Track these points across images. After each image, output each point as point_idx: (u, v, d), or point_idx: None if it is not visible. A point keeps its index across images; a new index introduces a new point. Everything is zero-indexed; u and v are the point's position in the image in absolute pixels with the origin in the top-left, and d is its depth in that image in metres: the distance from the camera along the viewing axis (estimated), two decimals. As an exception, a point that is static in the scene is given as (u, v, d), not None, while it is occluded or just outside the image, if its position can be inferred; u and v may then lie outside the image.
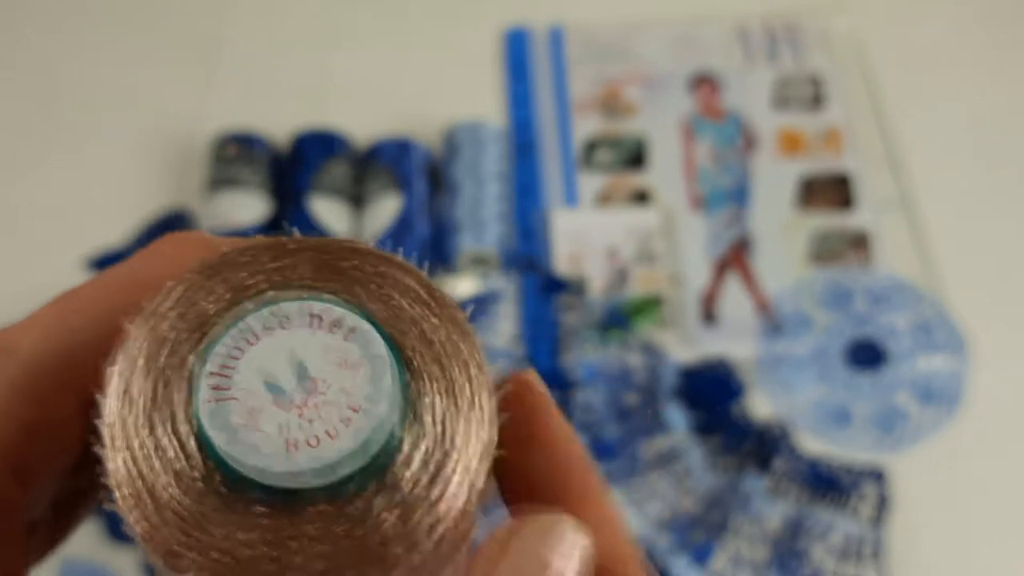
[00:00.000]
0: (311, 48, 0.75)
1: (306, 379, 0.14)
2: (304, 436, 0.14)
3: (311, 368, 0.14)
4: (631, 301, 0.63)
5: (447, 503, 0.14)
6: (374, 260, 0.16)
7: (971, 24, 0.77)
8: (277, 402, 0.14)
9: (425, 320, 0.15)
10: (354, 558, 0.14)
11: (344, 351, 0.14)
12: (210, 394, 0.14)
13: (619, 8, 0.77)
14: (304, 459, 0.14)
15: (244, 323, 0.14)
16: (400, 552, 0.14)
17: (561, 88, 0.72)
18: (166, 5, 0.78)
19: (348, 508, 0.14)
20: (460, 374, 0.15)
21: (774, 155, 0.69)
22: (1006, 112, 0.72)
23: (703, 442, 0.58)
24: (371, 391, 0.14)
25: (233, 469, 0.14)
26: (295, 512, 0.14)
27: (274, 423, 0.14)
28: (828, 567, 0.54)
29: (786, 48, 0.75)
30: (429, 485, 0.14)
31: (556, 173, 0.68)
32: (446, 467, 0.14)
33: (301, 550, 0.14)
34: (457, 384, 0.15)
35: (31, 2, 0.78)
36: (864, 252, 0.65)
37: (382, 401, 0.14)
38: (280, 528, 0.14)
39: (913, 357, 0.61)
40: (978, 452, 0.58)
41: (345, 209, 0.63)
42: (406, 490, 0.14)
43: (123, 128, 0.71)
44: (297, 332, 0.14)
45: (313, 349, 0.14)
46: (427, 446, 0.14)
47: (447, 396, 0.15)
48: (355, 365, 0.14)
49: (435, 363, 0.15)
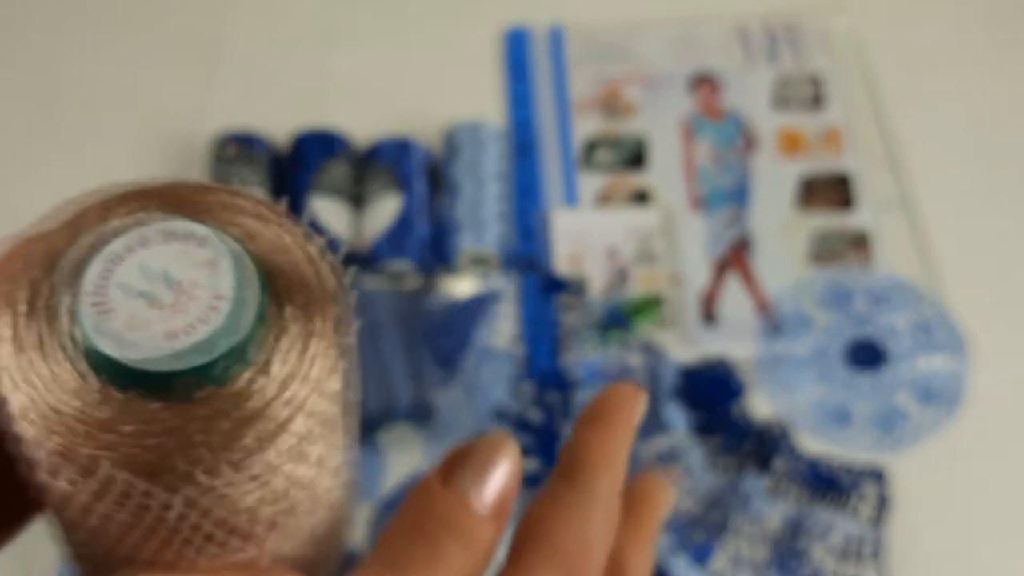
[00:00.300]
0: (311, 48, 0.75)
1: (172, 283, 0.16)
2: (180, 326, 0.16)
3: (175, 273, 0.16)
4: (631, 301, 0.63)
5: (316, 377, 0.17)
6: (217, 192, 0.18)
7: (971, 24, 0.77)
8: (151, 305, 0.16)
9: (274, 231, 0.18)
10: (246, 426, 0.16)
11: (200, 255, 0.16)
12: (91, 312, 0.16)
13: (619, 8, 0.77)
14: (183, 343, 0.16)
15: (108, 249, 0.16)
16: (286, 414, 0.16)
17: (561, 88, 0.72)
18: (166, 5, 0.78)
19: (232, 388, 0.16)
20: (314, 271, 0.17)
21: (774, 155, 0.70)
22: (1006, 112, 0.72)
23: (703, 442, 0.58)
24: (231, 281, 0.16)
25: (124, 372, 0.16)
26: (187, 401, 0.16)
27: (152, 322, 0.16)
28: (828, 567, 0.54)
29: (786, 48, 0.75)
30: (298, 362, 0.17)
31: (556, 173, 0.68)
32: (309, 349, 0.17)
33: (199, 429, 0.16)
34: (313, 281, 0.17)
35: (31, 2, 0.78)
36: (864, 252, 0.65)
37: (242, 287, 0.16)
38: (177, 416, 0.16)
39: (913, 357, 0.61)
40: (978, 452, 0.58)
41: (345, 209, 0.63)
42: (278, 370, 0.16)
43: (123, 128, 0.71)
44: (156, 248, 0.16)
45: (173, 258, 0.16)
46: (291, 331, 0.17)
47: (303, 289, 0.17)
48: (212, 264, 0.16)
49: (291, 266, 0.17)
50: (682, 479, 0.57)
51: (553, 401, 0.59)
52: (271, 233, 0.18)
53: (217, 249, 0.17)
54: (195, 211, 0.18)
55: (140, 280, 0.16)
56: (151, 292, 0.16)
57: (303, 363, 0.17)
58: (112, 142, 0.71)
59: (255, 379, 0.16)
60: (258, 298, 0.16)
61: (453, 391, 0.60)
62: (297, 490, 0.18)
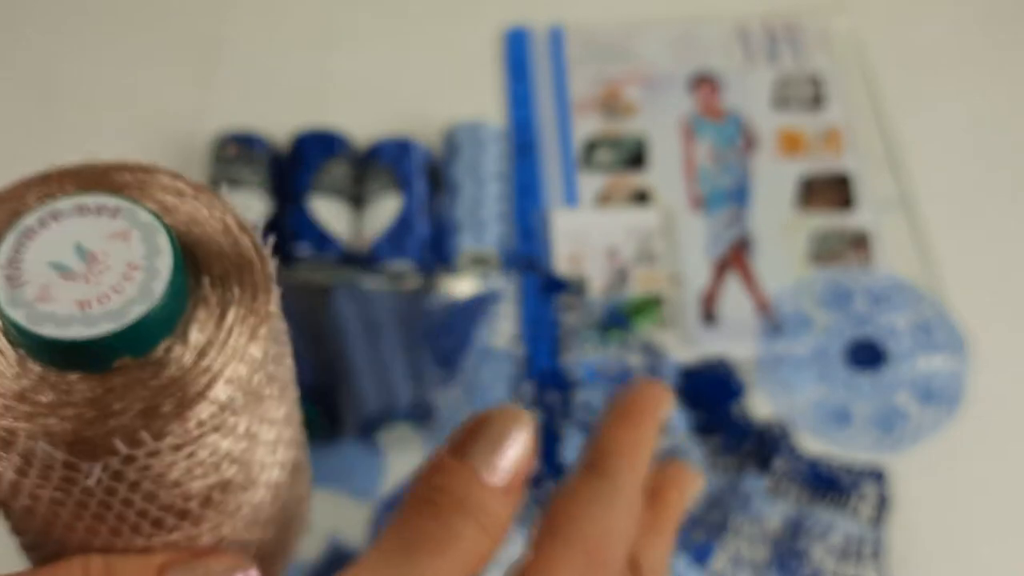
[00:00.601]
0: (311, 48, 0.75)
1: (85, 254, 0.16)
2: (93, 295, 0.16)
3: (88, 244, 0.16)
4: (631, 301, 0.63)
5: (235, 345, 0.17)
6: (133, 169, 0.19)
7: (971, 24, 0.77)
8: (64, 277, 0.16)
9: (191, 204, 0.18)
10: (164, 394, 0.16)
11: (113, 226, 0.17)
12: (4, 285, 0.16)
13: (619, 8, 0.77)
14: (96, 312, 0.16)
15: (21, 223, 0.17)
16: (204, 382, 0.16)
17: (561, 88, 0.72)
18: (166, 5, 0.78)
19: (150, 357, 0.16)
20: (232, 242, 0.18)
21: (774, 155, 0.70)
22: (1006, 112, 0.72)
23: (703, 442, 0.58)
24: (144, 250, 0.16)
25: (40, 343, 0.16)
26: (105, 371, 0.16)
27: (65, 293, 0.16)
28: (828, 567, 0.54)
29: (786, 48, 0.75)
30: (216, 330, 0.17)
31: (556, 173, 0.68)
32: (227, 317, 0.17)
33: (118, 398, 0.16)
34: (230, 251, 0.18)
35: (31, 2, 0.78)
36: (864, 252, 0.65)
37: (154, 256, 0.16)
38: (96, 386, 0.16)
39: (913, 357, 0.61)
40: (978, 452, 0.58)
41: (345, 209, 0.63)
42: (196, 338, 0.17)
43: (123, 128, 0.71)
44: (69, 221, 0.17)
45: (86, 231, 0.17)
46: (209, 300, 0.17)
47: (222, 260, 0.17)
48: (125, 235, 0.16)
49: (208, 238, 0.17)
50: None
51: (553, 401, 0.59)
52: (188, 206, 0.18)
53: (130, 220, 0.17)
54: (111, 187, 0.18)
55: (53, 252, 0.16)
56: (64, 264, 0.16)
57: (221, 331, 0.17)
58: (112, 142, 0.71)
59: (172, 348, 0.17)
60: (171, 267, 0.16)
61: (453, 391, 0.60)
62: (227, 464, 0.18)
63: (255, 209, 0.62)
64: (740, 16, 0.76)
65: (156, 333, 0.17)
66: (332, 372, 0.57)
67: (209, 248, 0.18)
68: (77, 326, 0.16)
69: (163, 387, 0.16)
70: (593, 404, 0.59)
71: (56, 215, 0.17)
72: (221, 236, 0.18)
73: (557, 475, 0.57)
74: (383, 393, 0.55)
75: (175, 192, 0.18)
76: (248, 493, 0.20)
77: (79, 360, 0.16)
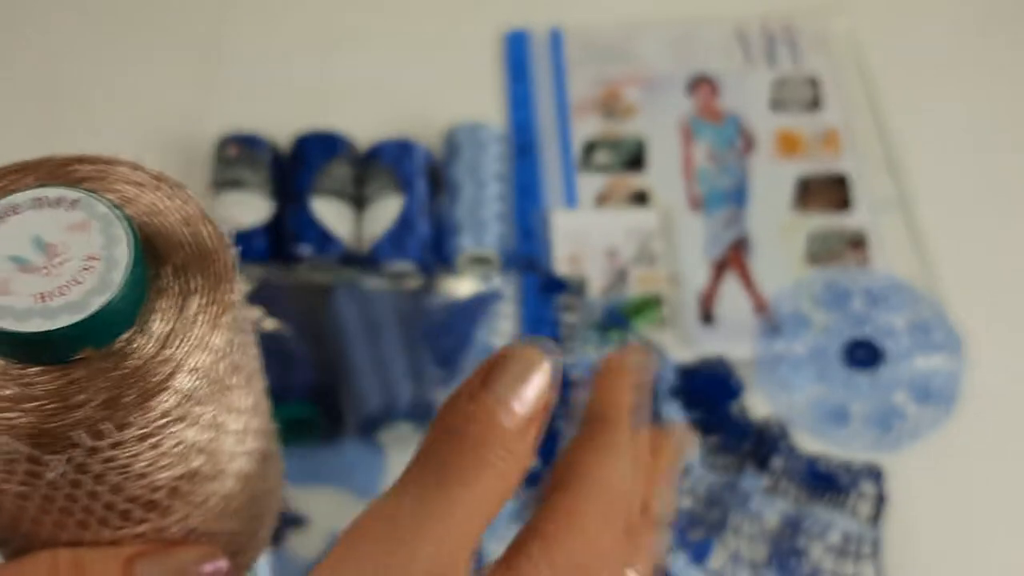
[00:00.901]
0: (312, 51, 0.75)
1: (44, 246, 0.16)
2: (53, 288, 0.16)
3: (46, 237, 0.16)
4: (630, 301, 0.63)
5: (197, 335, 0.17)
6: (94, 161, 0.18)
7: (968, 26, 0.77)
8: (23, 270, 0.16)
9: (151, 196, 0.18)
10: (126, 384, 0.16)
11: (72, 218, 0.16)
12: None
13: (618, 10, 0.77)
14: (57, 304, 0.16)
15: None
16: (166, 371, 0.16)
17: (561, 90, 0.73)
18: (169, 9, 0.78)
19: (112, 349, 0.16)
20: (192, 232, 0.17)
21: (772, 156, 0.70)
22: (1003, 113, 0.72)
23: (702, 441, 0.58)
24: (103, 241, 0.16)
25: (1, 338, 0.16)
26: (68, 364, 0.16)
27: (24, 286, 0.16)
28: (826, 565, 0.54)
29: (784, 50, 0.75)
30: (177, 320, 0.17)
31: (556, 174, 0.69)
32: (188, 307, 0.17)
33: (80, 390, 0.16)
34: (191, 241, 0.17)
35: (36, 5, 0.78)
36: (862, 252, 0.65)
37: (113, 246, 0.16)
38: (57, 378, 0.16)
39: (911, 357, 0.61)
40: (975, 451, 0.58)
41: (346, 209, 0.63)
42: (157, 328, 0.16)
43: (126, 129, 0.71)
44: (27, 214, 0.16)
45: (44, 223, 0.16)
46: (170, 290, 0.17)
47: (182, 250, 0.17)
48: (84, 226, 0.16)
49: (167, 228, 0.17)
50: (681, 477, 0.57)
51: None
52: (148, 197, 0.18)
53: (88, 211, 0.17)
54: (71, 179, 0.18)
55: (11, 246, 0.16)
56: (23, 256, 0.16)
57: (182, 321, 0.17)
58: (115, 143, 0.70)
59: (133, 338, 0.16)
60: (130, 257, 0.16)
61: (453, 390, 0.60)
62: (194, 454, 0.18)
63: (257, 210, 0.63)
64: (738, 18, 0.77)
65: (117, 324, 0.16)
66: (333, 372, 0.57)
67: (169, 238, 0.18)
68: (37, 319, 0.16)
69: (125, 377, 0.16)
70: None
71: (15, 207, 0.17)
72: (182, 226, 0.18)
73: (557, 474, 0.57)
74: (384, 392, 0.56)
75: (135, 183, 0.18)
76: (216, 483, 0.20)
77: (40, 353, 0.16)
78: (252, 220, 0.62)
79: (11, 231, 0.16)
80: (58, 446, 0.16)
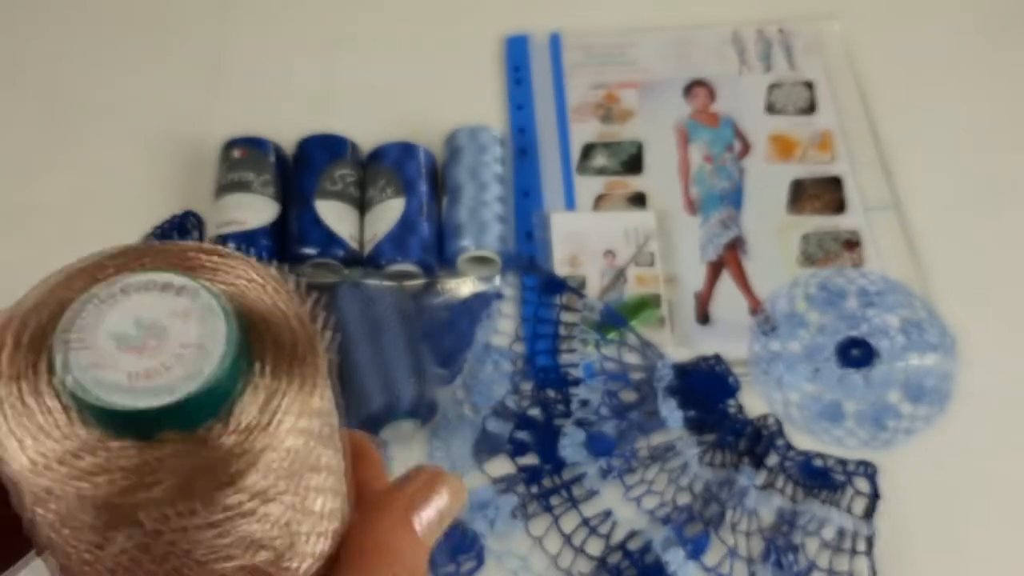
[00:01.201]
0: (316, 55, 0.76)
1: (145, 328, 0.17)
2: (146, 368, 0.16)
3: (148, 319, 0.17)
4: (628, 302, 0.63)
5: (280, 434, 0.17)
6: (209, 252, 0.19)
7: (961, 32, 0.78)
8: (122, 348, 0.16)
9: (257, 292, 0.18)
10: (201, 473, 0.16)
11: (177, 304, 0.17)
12: (64, 350, 0.16)
13: (616, 15, 0.78)
14: (144, 384, 0.16)
15: (91, 294, 0.17)
16: (241, 467, 0.16)
17: (560, 93, 0.73)
18: (177, 16, 0.78)
19: (194, 435, 0.16)
20: (290, 335, 0.18)
21: (768, 159, 0.70)
22: (994, 116, 0.73)
23: (699, 438, 0.58)
24: (203, 331, 0.17)
25: (89, 409, 0.16)
26: (149, 442, 0.16)
27: (121, 363, 0.16)
28: (821, 561, 0.54)
29: (780, 54, 0.76)
30: (260, 416, 0.17)
31: (555, 176, 0.69)
32: (273, 406, 0.17)
33: (154, 470, 0.16)
34: (288, 341, 0.18)
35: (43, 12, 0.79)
36: (856, 254, 0.66)
37: (212, 338, 0.17)
38: (134, 456, 0.16)
39: (905, 356, 0.61)
40: (968, 449, 0.58)
41: (349, 211, 0.64)
42: (242, 420, 0.17)
43: (133, 133, 0.71)
44: (136, 296, 0.17)
45: (150, 306, 0.17)
46: (259, 386, 0.17)
47: (277, 348, 0.17)
48: (187, 313, 0.17)
49: (267, 326, 0.18)
50: (678, 474, 0.58)
51: (552, 399, 0.60)
52: (255, 293, 0.18)
53: (194, 300, 0.17)
54: (184, 267, 0.18)
55: (116, 323, 0.17)
56: (125, 335, 0.17)
57: (265, 417, 0.17)
58: (123, 146, 0.71)
59: (214, 427, 0.17)
60: (226, 350, 0.17)
61: (454, 389, 0.60)
62: (258, 548, 0.18)
63: (262, 211, 0.63)
64: (735, 23, 0.77)
65: (201, 412, 0.17)
66: (336, 371, 0.57)
67: (267, 335, 0.18)
68: (126, 396, 0.16)
69: (199, 466, 0.16)
70: (592, 401, 0.59)
71: (125, 288, 0.17)
72: (282, 326, 0.18)
73: (556, 470, 0.57)
74: (386, 391, 0.56)
75: (246, 279, 0.19)
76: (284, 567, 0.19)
77: (124, 428, 0.16)
78: (257, 221, 0.62)
79: (118, 310, 0.17)
80: (122, 522, 0.16)
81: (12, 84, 0.74)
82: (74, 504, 0.16)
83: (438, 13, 0.78)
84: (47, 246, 0.66)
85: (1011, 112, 0.73)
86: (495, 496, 0.56)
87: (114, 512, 0.16)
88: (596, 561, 0.55)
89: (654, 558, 0.54)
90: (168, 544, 0.17)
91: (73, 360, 0.16)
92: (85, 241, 0.69)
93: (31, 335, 0.17)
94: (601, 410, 0.59)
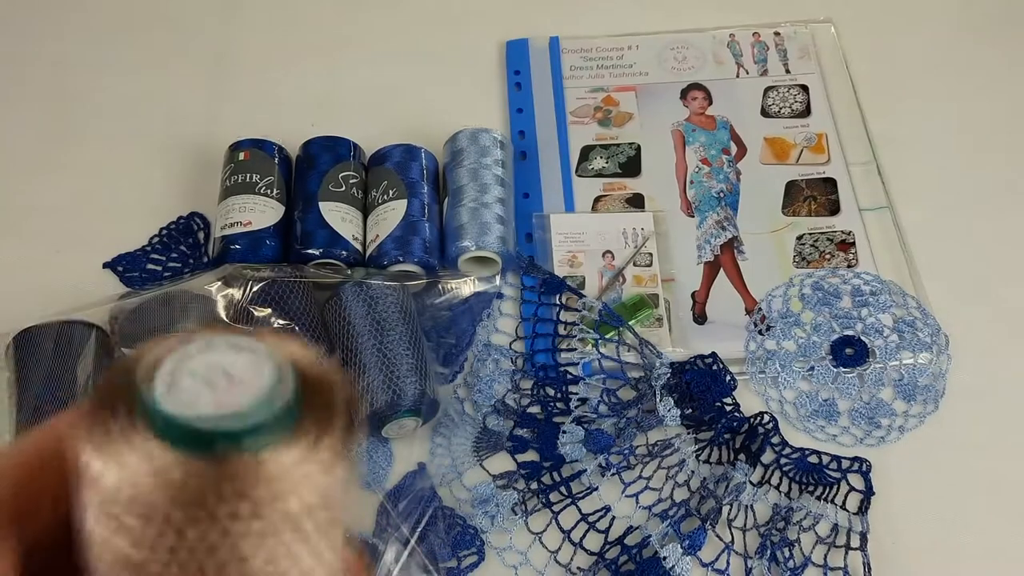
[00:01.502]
0: (321, 60, 0.76)
1: (226, 375, 0.20)
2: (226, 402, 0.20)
3: (229, 368, 0.20)
4: (626, 301, 0.63)
5: (323, 472, 0.20)
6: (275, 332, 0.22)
7: (953, 36, 0.78)
8: (208, 388, 0.20)
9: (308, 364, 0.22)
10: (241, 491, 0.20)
11: (253, 360, 0.21)
12: (159, 387, 0.20)
13: (615, 20, 0.78)
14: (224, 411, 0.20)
15: (183, 349, 0.21)
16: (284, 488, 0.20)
17: (559, 97, 0.73)
18: (182, 20, 0.79)
19: (245, 457, 0.20)
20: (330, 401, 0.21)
21: (763, 161, 0.71)
22: (986, 119, 0.73)
23: (696, 435, 0.58)
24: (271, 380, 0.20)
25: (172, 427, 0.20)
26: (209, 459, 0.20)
27: (206, 397, 0.20)
28: (816, 556, 0.54)
29: (775, 58, 0.76)
30: (298, 461, 0.20)
31: (554, 178, 0.69)
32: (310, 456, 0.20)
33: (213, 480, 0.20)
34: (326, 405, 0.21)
35: (52, 20, 0.79)
36: (850, 254, 0.66)
37: (277, 387, 0.20)
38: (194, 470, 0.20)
39: (897, 355, 0.61)
40: (960, 446, 0.59)
41: (353, 212, 0.64)
42: (281, 459, 0.20)
43: (140, 135, 0.72)
44: (220, 352, 0.21)
45: (231, 360, 0.21)
46: (302, 438, 0.21)
47: (319, 411, 0.21)
48: (260, 367, 0.21)
49: (312, 389, 0.21)
50: (675, 470, 0.58)
51: (552, 397, 0.60)
52: (307, 364, 0.22)
53: (266, 359, 0.21)
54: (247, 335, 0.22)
55: (203, 370, 0.20)
56: (210, 379, 0.20)
57: (300, 462, 0.20)
58: (128, 148, 0.71)
59: (258, 455, 0.20)
60: (284, 399, 0.20)
61: (455, 387, 0.61)
62: None
63: (267, 213, 0.63)
64: (731, 27, 0.77)
65: (258, 440, 0.20)
66: (340, 367, 0.57)
67: (314, 399, 0.22)
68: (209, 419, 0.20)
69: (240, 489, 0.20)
70: (590, 399, 0.59)
71: (211, 346, 0.21)
72: (326, 393, 0.22)
73: (555, 467, 0.58)
74: (389, 388, 0.56)
75: (301, 355, 0.22)
76: None
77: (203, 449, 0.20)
78: (262, 223, 0.62)
79: (205, 360, 0.21)
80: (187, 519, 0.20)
81: (18, 86, 0.75)
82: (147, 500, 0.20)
83: (440, 18, 0.79)
84: (52, 246, 0.66)
85: (1003, 115, 0.73)
86: (495, 492, 0.57)
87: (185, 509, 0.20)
88: (595, 556, 0.55)
89: (652, 553, 0.54)
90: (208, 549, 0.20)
91: (166, 393, 0.20)
92: (90, 242, 0.69)
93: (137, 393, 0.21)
94: (600, 408, 0.59)
